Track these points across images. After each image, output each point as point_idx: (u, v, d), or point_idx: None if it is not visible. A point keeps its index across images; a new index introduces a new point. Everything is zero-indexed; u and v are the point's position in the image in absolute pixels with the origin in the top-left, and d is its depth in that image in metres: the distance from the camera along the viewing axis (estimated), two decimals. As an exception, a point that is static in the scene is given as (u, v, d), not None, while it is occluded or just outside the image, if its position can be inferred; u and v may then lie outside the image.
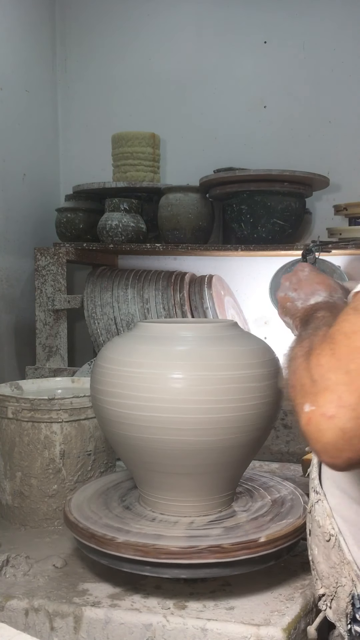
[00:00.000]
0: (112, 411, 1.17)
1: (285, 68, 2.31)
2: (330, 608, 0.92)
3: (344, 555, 0.89)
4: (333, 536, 0.90)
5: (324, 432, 0.64)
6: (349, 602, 0.89)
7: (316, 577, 0.96)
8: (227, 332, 1.24)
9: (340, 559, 0.89)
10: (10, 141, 2.17)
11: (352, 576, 0.88)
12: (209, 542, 1.11)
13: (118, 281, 2.17)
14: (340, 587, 0.89)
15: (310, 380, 0.68)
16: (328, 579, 0.92)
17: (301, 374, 0.71)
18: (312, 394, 0.67)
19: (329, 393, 0.65)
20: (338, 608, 0.91)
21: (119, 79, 2.47)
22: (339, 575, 0.89)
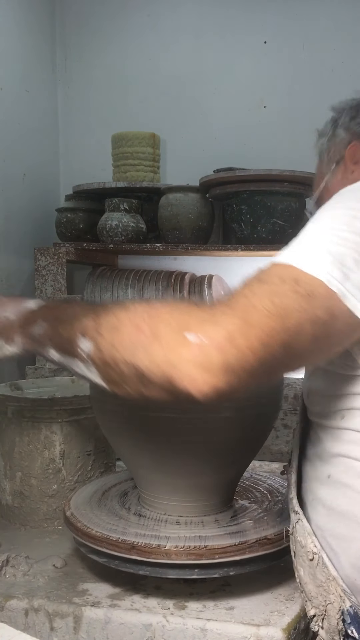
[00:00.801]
0: (113, 411, 1.17)
1: (285, 68, 2.31)
2: (322, 628, 0.92)
3: (329, 572, 0.88)
4: (316, 554, 0.90)
5: (212, 362, 0.70)
6: (340, 619, 0.88)
7: (305, 599, 0.95)
8: (227, 332, 1.24)
9: (326, 576, 0.88)
10: (10, 141, 2.17)
11: (339, 592, 0.87)
12: (253, 535, 1.11)
13: (118, 281, 2.17)
14: (329, 605, 0.89)
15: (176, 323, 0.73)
16: (317, 598, 0.91)
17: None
18: (198, 325, 0.71)
19: (220, 327, 0.70)
20: (330, 627, 0.90)
21: (119, 79, 2.47)
22: (326, 593, 0.89)
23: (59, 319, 0.86)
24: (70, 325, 0.82)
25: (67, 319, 0.84)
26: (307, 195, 2.09)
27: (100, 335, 0.77)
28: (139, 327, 0.74)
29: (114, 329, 0.76)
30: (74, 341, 0.80)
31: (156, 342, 0.72)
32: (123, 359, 0.75)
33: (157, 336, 0.73)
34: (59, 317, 0.86)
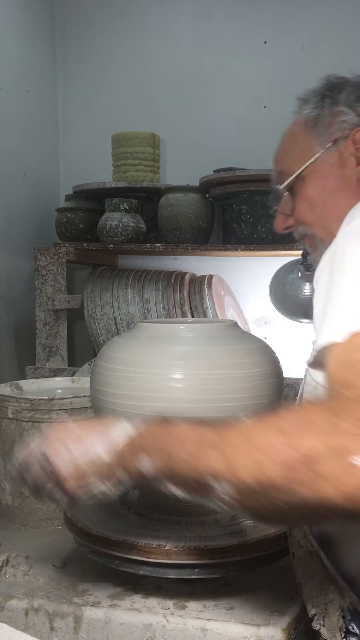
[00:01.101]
0: (112, 411, 1.17)
1: (285, 68, 2.31)
2: (323, 626, 0.92)
3: (328, 570, 0.88)
4: (313, 554, 0.90)
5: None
6: (340, 616, 0.88)
7: (306, 599, 0.95)
8: (227, 332, 1.24)
9: (324, 575, 0.89)
10: (10, 141, 2.17)
11: (339, 589, 0.87)
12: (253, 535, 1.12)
13: (118, 281, 2.17)
14: (329, 603, 0.89)
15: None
16: (317, 597, 0.91)
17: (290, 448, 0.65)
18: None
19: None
20: (331, 624, 0.90)
21: (119, 78, 2.47)
22: (326, 592, 0.89)
23: (168, 452, 0.75)
24: (189, 464, 0.72)
25: (179, 454, 0.73)
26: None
27: (239, 479, 0.68)
28: (290, 466, 0.64)
29: (256, 472, 0.66)
30: (204, 483, 0.71)
31: (320, 479, 0.63)
32: (281, 499, 0.66)
33: (318, 472, 0.63)
34: (167, 451, 0.75)
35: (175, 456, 0.73)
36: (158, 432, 0.78)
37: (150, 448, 0.76)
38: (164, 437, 0.76)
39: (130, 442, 0.79)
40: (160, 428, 0.78)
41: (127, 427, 0.80)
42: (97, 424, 0.85)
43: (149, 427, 0.79)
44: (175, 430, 0.76)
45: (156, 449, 0.76)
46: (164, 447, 0.75)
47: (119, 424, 0.81)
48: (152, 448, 0.76)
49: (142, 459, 0.76)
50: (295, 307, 2.10)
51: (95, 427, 0.84)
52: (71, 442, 0.82)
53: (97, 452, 0.80)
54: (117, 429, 0.81)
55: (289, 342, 2.27)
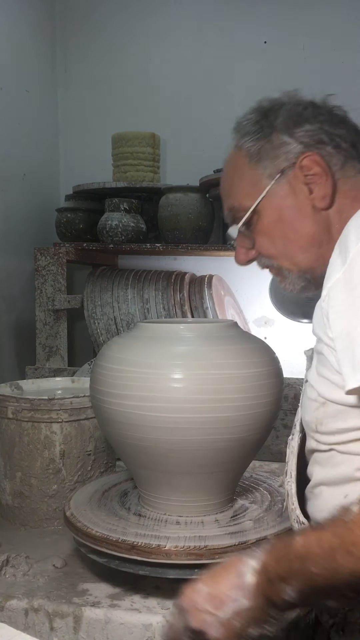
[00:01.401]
0: (112, 411, 1.17)
1: (285, 68, 2.31)
2: (343, 635, 0.91)
3: None
4: None
5: None
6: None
7: (320, 610, 0.95)
8: (227, 332, 1.24)
9: None
10: (10, 141, 2.17)
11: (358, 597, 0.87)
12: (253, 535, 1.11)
13: (118, 281, 2.17)
14: (349, 612, 0.89)
15: None
16: (334, 607, 0.91)
17: None
18: None
19: None
20: (352, 635, 0.90)
21: (119, 78, 2.47)
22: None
23: (304, 574, 0.74)
24: (329, 578, 0.72)
25: (315, 571, 0.72)
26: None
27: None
28: None
29: None
30: (353, 587, 0.72)
31: None
32: None
33: None
34: (302, 573, 0.74)
35: (313, 574, 0.73)
36: (284, 556, 0.76)
37: (285, 576, 0.75)
38: (292, 560, 0.75)
39: (264, 577, 0.77)
40: (283, 551, 0.77)
41: (252, 564, 0.78)
42: (224, 573, 0.81)
43: (271, 554, 0.78)
44: (299, 549, 0.75)
45: (291, 575, 0.75)
46: (299, 570, 0.74)
47: (244, 564, 0.79)
48: (287, 576, 0.75)
49: (283, 589, 0.75)
50: (295, 307, 2.11)
51: (223, 577, 0.80)
52: (212, 606, 0.79)
53: (238, 602, 0.78)
54: (245, 570, 0.79)
55: (289, 342, 2.27)
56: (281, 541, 0.78)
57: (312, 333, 0.91)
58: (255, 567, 0.78)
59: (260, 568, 0.77)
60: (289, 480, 0.97)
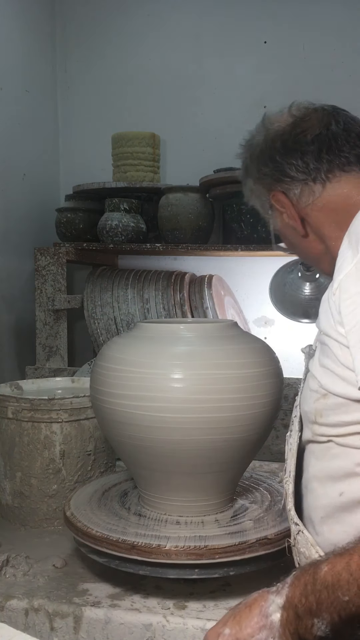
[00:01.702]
0: (112, 411, 1.17)
1: (285, 68, 2.31)
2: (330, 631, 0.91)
3: None
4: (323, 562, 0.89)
5: None
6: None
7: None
8: (227, 332, 1.24)
9: None
10: (10, 141, 2.17)
11: None
12: (253, 535, 1.11)
13: (118, 281, 2.17)
14: None
15: None
16: None
17: None
18: None
19: None
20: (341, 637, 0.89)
21: (119, 78, 2.47)
22: None
23: (333, 604, 0.71)
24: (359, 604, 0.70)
25: (344, 599, 0.70)
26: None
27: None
28: None
29: None
30: None
31: None
32: None
33: None
34: (331, 603, 0.71)
35: (345, 603, 0.70)
36: (311, 588, 0.73)
37: (314, 610, 0.72)
38: (320, 591, 0.72)
39: (292, 613, 0.74)
40: (310, 582, 0.73)
41: (277, 601, 0.76)
42: (248, 613, 0.78)
43: (296, 587, 0.75)
44: (326, 578, 0.72)
45: (321, 607, 0.71)
46: (329, 601, 0.71)
47: (268, 602, 0.77)
48: (317, 608, 0.72)
49: (314, 623, 0.72)
50: (295, 307, 2.11)
51: (248, 618, 0.78)
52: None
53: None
54: (270, 608, 0.76)
55: (289, 342, 2.27)
56: (305, 572, 0.75)
57: (316, 326, 0.91)
58: (280, 603, 0.75)
59: (286, 604, 0.74)
60: (287, 479, 0.96)
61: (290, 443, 0.99)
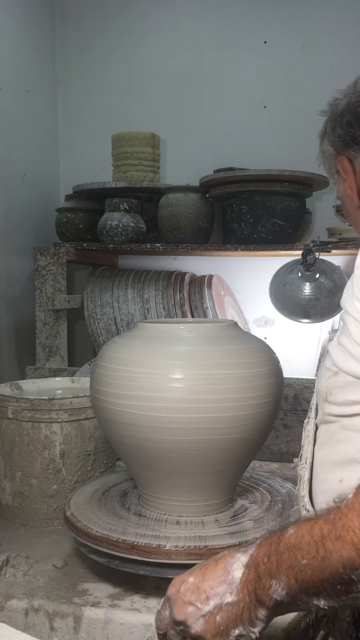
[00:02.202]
0: (112, 411, 1.17)
1: (285, 68, 2.31)
2: (331, 628, 0.91)
3: None
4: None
5: None
6: (350, 623, 0.87)
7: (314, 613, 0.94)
8: (227, 332, 1.24)
9: None
10: (10, 141, 2.17)
11: None
12: (253, 535, 1.11)
13: (118, 281, 2.17)
14: (340, 607, 0.88)
15: None
16: None
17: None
18: None
19: None
20: (341, 629, 0.90)
21: (119, 78, 2.47)
22: None
23: (293, 566, 0.70)
24: (319, 568, 0.68)
25: (305, 562, 0.69)
26: (307, 195, 2.09)
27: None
28: None
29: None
30: (344, 580, 0.67)
31: None
32: None
33: None
34: (291, 565, 0.70)
35: (303, 566, 0.69)
36: (273, 549, 0.73)
37: (274, 571, 0.71)
38: (282, 552, 0.72)
39: (253, 573, 0.74)
40: (275, 544, 0.73)
41: (242, 559, 0.76)
42: (214, 566, 0.79)
43: (262, 547, 0.75)
44: (290, 540, 0.72)
45: (280, 569, 0.71)
46: (288, 562, 0.70)
47: (233, 559, 0.77)
48: (276, 570, 0.71)
49: (272, 585, 0.72)
50: (295, 307, 2.10)
51: (212, 570, 0.79)
52: (196, 598, 0.78)
53: (223, 598, 0.76)
54: (234, 565, 0.77)
55: (289, 342, 2.28)
56: (273, 534, 0.75)
57: (340, 304, 0.92)
58: (244, 561, 0.76)
59: (249, 562, 0.75)
60: (303, 465, 0.96)
61: (308, 430, 0.99)
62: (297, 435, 1.82)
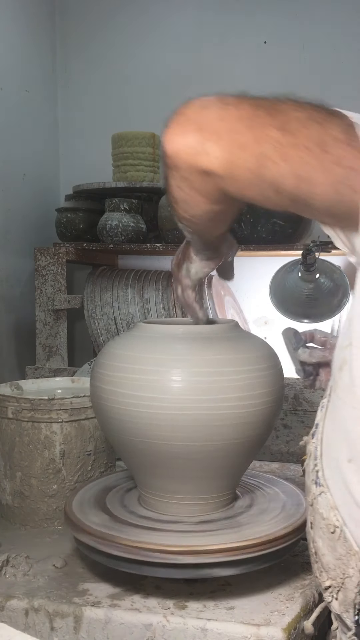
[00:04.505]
0: (112, 411, 1.17)
1: (285, 68, 2.31)
2: (336, 599, 0.91)
3: (351, 546, 0.87)
4: (338, 528, 0.89)
5: None
6: (358, 593, 0.88)
7: (321, 570, 0.94)
8: (227, 332, 1.24)
9: (346, 550, 0.88)
10: (10, 141, 2.17)
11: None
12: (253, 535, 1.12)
13: (118, 281, 2.17)
14: (347, 578, 0.88)
15: None
16: (335, 570, 0.90)
17: None
18: None
19: None
20: (345, 599, 0.90)
21: (118, 78, 2.47)
22: (345, 567, 0.88)
23: (232, 134, 0.77)
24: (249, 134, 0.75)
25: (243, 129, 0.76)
26: (307, 195, 2.09)
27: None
28: None
29: None
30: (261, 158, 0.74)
31: None
32: None
33: None
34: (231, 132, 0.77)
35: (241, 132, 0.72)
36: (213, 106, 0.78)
37: (212, 131, 0.76)
38: (225, 116, 0.75)
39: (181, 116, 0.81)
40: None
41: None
42: None
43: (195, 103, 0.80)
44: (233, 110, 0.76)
45: (219, 132, 0.75)
46: (228, 128, 0.74)
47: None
48: (214, 130, 0.75)
49: (206, 148, 0.76)
50: (295, 307, 2.10)
51: None
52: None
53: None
54: None
55: (289, 342, 2.27)
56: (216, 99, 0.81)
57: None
58: None
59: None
60: (315, 442, 0.95)
61: (323, 405, 0.98)
62: (297, 435, 1.82)
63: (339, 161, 0.74)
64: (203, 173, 0.77)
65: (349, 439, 0.86)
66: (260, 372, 1.17)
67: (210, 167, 0.76)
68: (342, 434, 0.88)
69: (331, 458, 0.91)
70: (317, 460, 0.94)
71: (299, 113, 0.76)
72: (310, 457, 0.95)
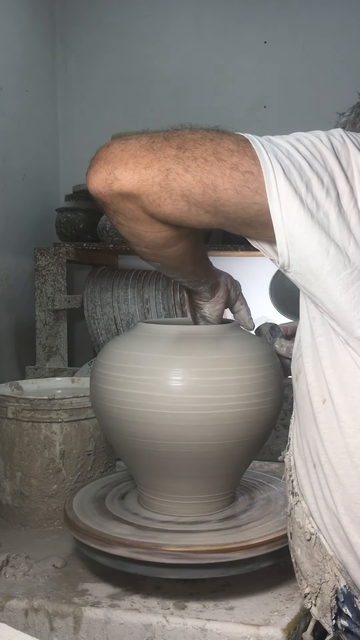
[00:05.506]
0: (112, 411, 1.17)
1: (285, 68, 2.31)
2: (315, 605, 0.94)
3: (326, 551, 0.90)
4: (313, 534, 0.92)
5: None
6: (333, 597, 0.91)
7: (300, 578, 0.97)
8: (227, 332, 1.24)
9: (322, 556, 0.91)
10: (10, 141, 2.17)
11: (335, 571, 0.90)
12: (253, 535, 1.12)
13: (118, 281, 2.17)
14: (324, 583, 0.91)
15: None
16: (312, 577, 0.93)
17: None
18: None
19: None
20: (323, 604, 0.92)
21: (119, 78, 2.47)
22: (322, 572, 0.91)
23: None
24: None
25: None
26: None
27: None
28: None
29: None
30: None
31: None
32: None
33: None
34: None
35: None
36: None
37: (117, 160, 0.87)
38: (126, 147, 0.87)
39: None
40: None
41: None
42: None
43: None
44: None
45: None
46: (130, 154, 0.85)
47: None
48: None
49: (116, 175, 0.84)
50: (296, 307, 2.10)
51: None
52: None
53: None
54: None
55: (289, 342, 2.27)
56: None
57: None
58: None
59: None
60: (288, 453, 1.00)
61: (293, 417, 1.05)
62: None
63: (236, 167, 0.82)
64: (124, 198, 0.84)
65: (312, 445, 0.89)
66: (260, 372, 1.17)
67: (124, 189, 0.83)
68: (306, 441, 0.91)
69: (302, 466, 0.94)
70: (292, 471, 0.98)
71: (193, 135, 0.84)
72: (288, 469, 0.98)
